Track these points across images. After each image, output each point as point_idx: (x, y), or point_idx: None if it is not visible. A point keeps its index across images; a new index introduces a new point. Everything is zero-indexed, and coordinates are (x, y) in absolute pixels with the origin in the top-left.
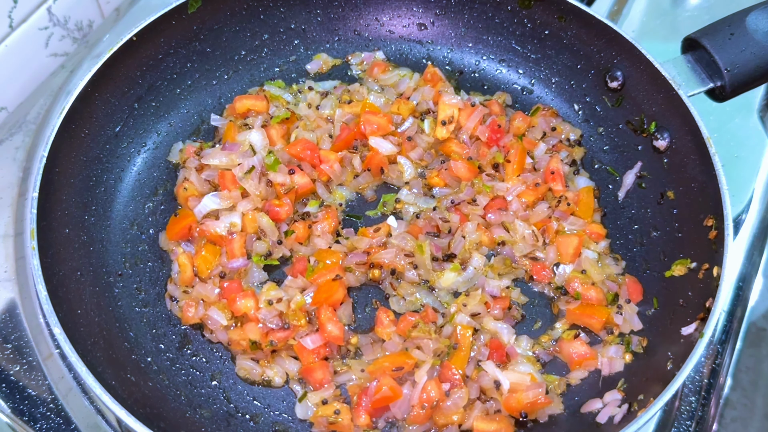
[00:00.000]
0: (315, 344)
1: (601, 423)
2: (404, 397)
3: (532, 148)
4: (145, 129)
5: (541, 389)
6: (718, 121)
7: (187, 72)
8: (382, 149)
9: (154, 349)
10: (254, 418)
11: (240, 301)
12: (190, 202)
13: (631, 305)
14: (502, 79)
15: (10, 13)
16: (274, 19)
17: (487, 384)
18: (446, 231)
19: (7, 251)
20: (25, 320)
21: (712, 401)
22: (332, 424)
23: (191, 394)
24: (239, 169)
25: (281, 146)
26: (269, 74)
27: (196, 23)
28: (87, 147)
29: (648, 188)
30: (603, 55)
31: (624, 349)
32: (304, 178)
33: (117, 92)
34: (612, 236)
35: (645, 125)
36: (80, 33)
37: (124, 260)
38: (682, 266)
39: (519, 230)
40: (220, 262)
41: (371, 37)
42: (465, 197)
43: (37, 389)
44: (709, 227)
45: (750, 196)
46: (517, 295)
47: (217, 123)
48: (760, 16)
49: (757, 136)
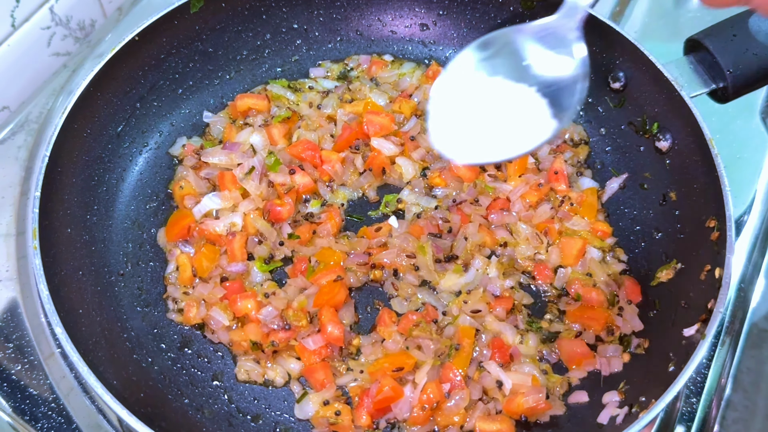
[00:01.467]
0: (316, 345)
1: (603, 424)
2: (405, 398)
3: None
4: (147, 129)
5: (541, 394)
6: (720, 122)
7: (189, 72)
8: (385, 150)
9: (156, 349)
10: (255, 419)
11: (241, 302)
12: (186, 200)
13: (632, 306)
14: None
15: (13, 12)
16: (276, 19)
17: (489, 384)
18: (447, 231)
19: (8, 250)
20: (26, 319)
21: (714, 402)
22: (333, 425)
23: (192, 394)
24: (240, 170)
25: (283, 146)
26: (271, 74)
27: (199, 23)
28: (89, 146)
29: (650, 189)
30: (605, 56)
31: (622, 349)
32: (305, 178)
33: (119, 92)
34: (614, 237)
35: (647, 126)
36: (82, 32)
37: (126, 260)
38: (667, 270)
39: (522, 232)
40: (220, 264)
41: (373, 38)
42: (467, 197)
43: (39, 388)
44: (711, 228)
45: (752, 198)
46: (520, 297)
47: (209, 120)
48: (763, 18)
49: (760, 137)
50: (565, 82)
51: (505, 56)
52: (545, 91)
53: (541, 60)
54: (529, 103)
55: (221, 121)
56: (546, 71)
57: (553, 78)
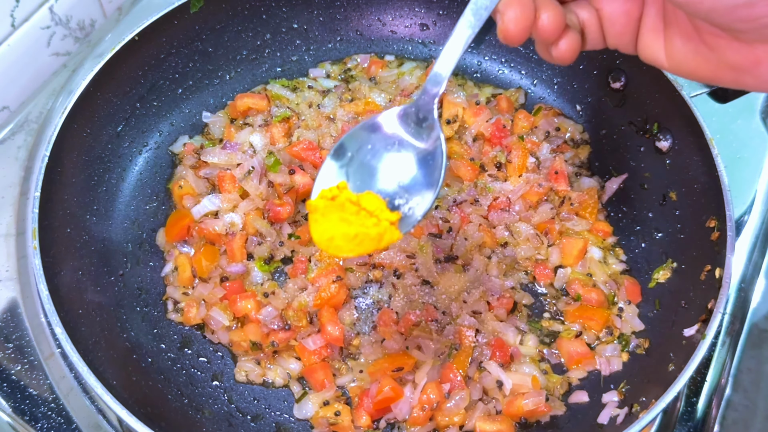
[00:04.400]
0: (316, 345)
1: (603, 424)
2: (405, 398)
3: (536, 149)
4: (147, 128)
5: (541, 396)
6: (720, 122)
7: (189, 72)
8: None
9: (155, 349)
10: (255, 419)
11: (241, 302)
12: (185, 200)
13: (632, 306)
14: (504, 80)
15: (12, 12)
16: (276, 19)
17: (489, 385)
18: (447, 231)
19: (8, 250)
20: (26, 320)
21: (714, 402)
22: (333, 425)
23: (192, 394)
24: (239, 170)
25: (282, 146)
26: (271, 74)
27: (198, 23)
28: (89, 146)
29: (650, 189)
30: (605, 56)
31: (621, 348)
32: (305, 178)
33: (119, 92)
34: (614, 237)
35: (647, 126)
36: (82, 32)
37: (126, 260)
38: (665, 270)
39: (522, 232)
40: (220, 264)
41: (373, 38)
42: (467, 197)
43: (39, 389)
44: (711, 228)
45: (752, 198)
46: (520, 297)
47: (208, 120)
48: None
49: (760, 137)
50: (430, 154)
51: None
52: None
53: (409, 136)
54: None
55: (220, 120)
56: (414, 144)
57: (421, 149)
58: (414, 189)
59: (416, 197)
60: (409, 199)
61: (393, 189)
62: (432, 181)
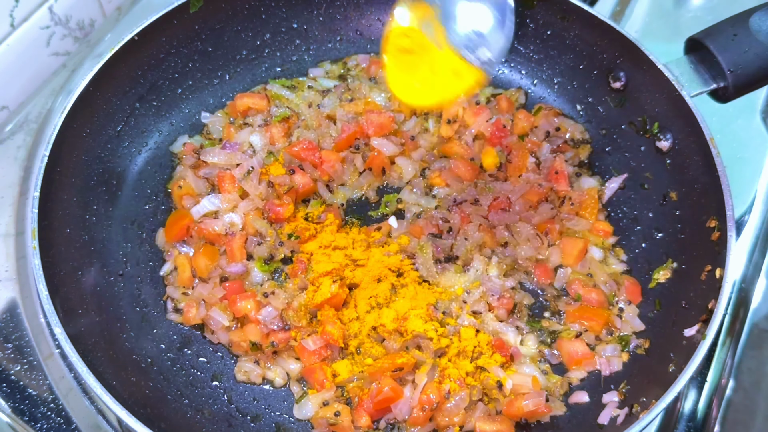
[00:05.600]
0: (316, 345)
1: (604, 424)
2: (405, 398)
3: (537, 149)
4: (147, 128)
5: (541, 397)
6: (720, 122)
7: (188, 71)
8: (385, 150)
9: (155, 350)
10: (255, 419)
11: (241, 302)
12: (184, 200)
13: (632, 306)
14: (504, 80)
15: (12, 12)
16: (275, 18)
17: (489, 385)
18: (447, 231)
19: (8, 250)
20: (25, 320)
21: (714, 402)
22: (333, 425)
23: (192, 394)
24: (239, 170)
25: (282, 145)
26: (271, 74)
27: (198, 23)
28: (88, 146)
29: (651, 189)
30: (606, 56)
31: (621, 348)
32: (304, 178)
33: (118, 91)
34: (614, 237)
35: (648, 126)
36: (82, 32)
37: (125, 260)
38: (665, 270)
39: (522, 232)
40: (219, 264)
41: (373, 38)
42: (467, 197)
43: (38, 389)
44: (711, 228)
45: (753, 198)
46: (520, 297)
47: (207, 120)
48: (764, 17)
49: (760, 137)
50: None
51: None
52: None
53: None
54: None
55: (219, 120)
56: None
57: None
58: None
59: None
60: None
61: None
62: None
